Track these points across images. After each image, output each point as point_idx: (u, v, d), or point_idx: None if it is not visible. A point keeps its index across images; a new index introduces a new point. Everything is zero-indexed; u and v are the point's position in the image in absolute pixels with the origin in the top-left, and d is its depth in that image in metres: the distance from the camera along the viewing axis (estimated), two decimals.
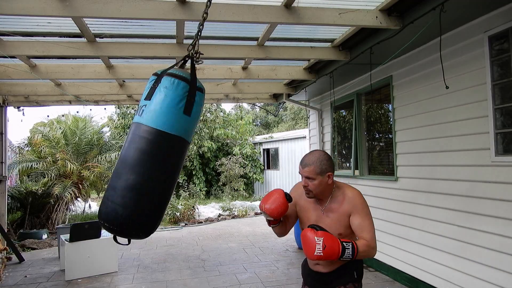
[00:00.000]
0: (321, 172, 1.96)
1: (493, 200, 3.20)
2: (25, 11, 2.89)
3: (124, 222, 1.74)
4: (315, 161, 1.98)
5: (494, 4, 3.04)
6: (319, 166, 1.96)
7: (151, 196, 1.78)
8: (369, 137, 5.63)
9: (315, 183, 1.97)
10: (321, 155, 2.01)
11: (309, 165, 1.99)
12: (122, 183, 1.73)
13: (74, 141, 10.37)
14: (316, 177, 1.96)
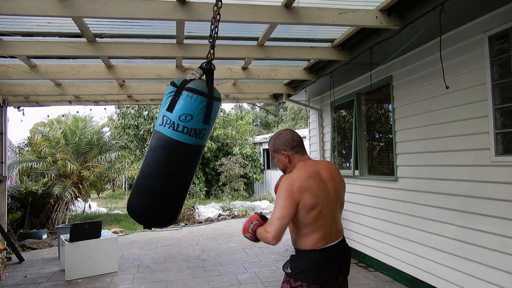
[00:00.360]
0: (275, 150, 2.09)
1: (493, 200, 3.20)
2: (25, 11, 2.89)
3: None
4: (271, 139, 2.13)
5: (494, 4, 3.04)
6: (272, 144, 2.11)
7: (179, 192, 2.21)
8: (369, 137, 5.63)
9: (275, 160, 2.13)
10: (277, 133, 2.13)
11: (268, 143, 2.18)
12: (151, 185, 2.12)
13: (74, 141, 10.37)
14: (274, 154, 2.12)
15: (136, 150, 13.36)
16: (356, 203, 5.60)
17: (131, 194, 2.21)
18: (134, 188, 2.20)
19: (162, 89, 5.93)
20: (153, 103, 7.47)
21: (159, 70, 4.93)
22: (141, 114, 12.04)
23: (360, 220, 5.47)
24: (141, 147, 12.99)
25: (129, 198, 2.21)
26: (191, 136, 2.03)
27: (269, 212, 11.51)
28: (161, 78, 5.17)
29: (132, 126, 12.17)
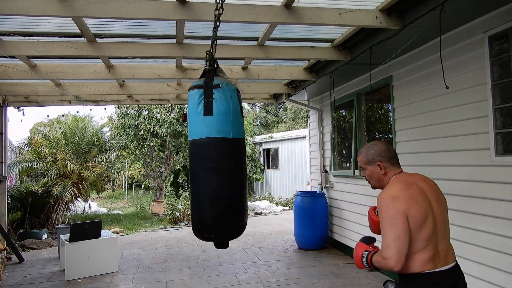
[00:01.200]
0: (369, 162, 1.94)
1: (493, 200, 3.20)
2: (25, 11, 2.89)
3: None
4: (363, 150, 1.98)
5: (494, 4, 3.04)
6: (366, 155, 1.95)
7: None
8: (369, 137, 5.63)
9: (367, 173, 1.97)
10: (371, 144, 1.99)
11: (359, 154, 2.01)
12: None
13: (74, 141, 10.38)
14: (366, 166, 1.96)
15: (136, 150, 13.34)
16: (356, 203, 5.60)
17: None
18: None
19: (162, 89, 5.93)
20: (153, 103, 7.47)
21: (159, 70, 4.93)
22: (141, 114, 12.01)
23: (360, 220, 5.47)
24: (141, 147, 12.98)
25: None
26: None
27: (269, 212, 11.52)
28: (161, 78, 5.17)
29: (132, 126, 12.15)
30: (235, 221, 1.95)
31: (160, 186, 12.95)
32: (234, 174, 1.92)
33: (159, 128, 11.98)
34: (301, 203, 6.48)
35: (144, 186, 19.84)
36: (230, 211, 1.90)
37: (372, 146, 1.97)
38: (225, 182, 1.89)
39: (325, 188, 6.76)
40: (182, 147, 13.51)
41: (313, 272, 5.11)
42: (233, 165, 1.92)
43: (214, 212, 1.88)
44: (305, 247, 6.43)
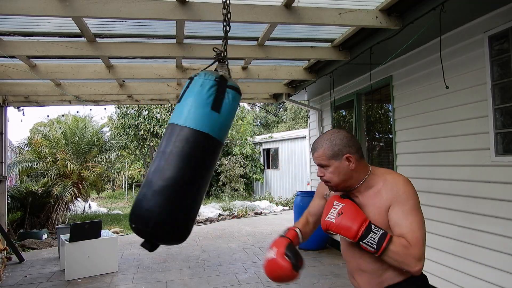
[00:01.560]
0: (335, 155, 1.49)
1: (493, 200, 3.20)
2: (25, 11, 2.89)
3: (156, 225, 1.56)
4: (325, 142, 1.52)
5: (494, 4, 3.04)
6: (330, 148, 1.50)
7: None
8: (369, 137, 5.64)
9: (331, 171, 1.50)
10: (333, 133, 1.54)
11: (317, 149, 1.53)
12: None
13: (74, 141, 10.38)
14: (330, 162, 1.50)
15: (136, 150, 13.36)
16: None
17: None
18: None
19: (162, 89, 5.93)
20: (153, 103, 7.47)
21: (159, 70, 4.93)
22: (141, 114, 12.03)
23: None
24: (141, 147, 12.99)
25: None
26: (198, 122, 1.74)
27: (269, 212, 11.52)
28: (161, 78, 5.17)
29: (132, 126, 12.17)
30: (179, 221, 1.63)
31: None
32: (203, 174, 1.67)
33: (159, 128, 11.99)
34: (301, 203, 6.48)
35: None
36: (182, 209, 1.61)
37: (335, 134, 1.53)
38: (191, 176, 1.62)
39: None
40: None
41: (313, 272, 5.11)
42: (208, 166, 1.68)
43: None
44: (305, 247, 6.43)
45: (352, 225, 1.38)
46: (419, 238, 1.43)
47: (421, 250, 1.42)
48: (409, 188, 1.46)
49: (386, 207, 1.47)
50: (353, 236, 1.38)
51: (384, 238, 1.36)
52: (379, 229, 1.38)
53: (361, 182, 1.53)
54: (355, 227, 1.37)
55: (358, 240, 1.37)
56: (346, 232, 1.39)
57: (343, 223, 1.39)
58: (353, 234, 1.37)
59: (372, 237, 1.35)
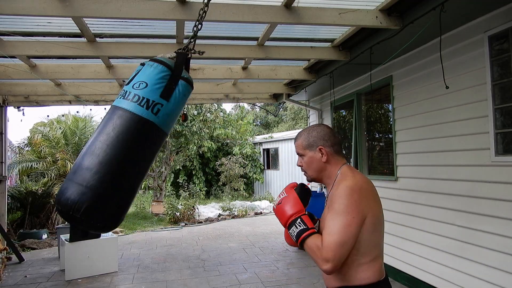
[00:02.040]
0: (309, 146, 1.62)
1: (493, 200, 3.20)
2: (25, 11, 2.89)
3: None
4: (304, 133, 1.67)
5: (494, 4, 3.04)
6: (306, 138, 1.63)
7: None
8: (369, 137, 5.64)
9: (305, 160, 1.64)
10: (313, 126, 1.68)
11: (297, 139, 1.68)
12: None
13: (74, 141, 10.38)
14: (305, 152, 1.63)
15: None
16: None
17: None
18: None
19: None
20: None
21: None
22: None
23: None
24: None
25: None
26: (140, 106, 1.63)
27: (269, 212, 11.52)
28: None
29: None
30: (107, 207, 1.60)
31: (160, 186, 12.95)
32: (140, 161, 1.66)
33: None
34: None
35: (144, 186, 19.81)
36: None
37: (314, 128, 1.66)
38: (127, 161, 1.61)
39: (325, 188, 6.76)
40: (182, 147, 13.51)
41: (313, 272, 5.11)
42: (148, 155, 1.70)
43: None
44: None
45: (283, 215, 1.55)
46: (331, 241, 1.42)
47: (330, 253, 1.41)
48: (344, 192, 1.47)
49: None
50: (284, 224, 1.56)
51: (301, 234, 1.50)
52: (303, 224, 1.50)
53: (335, 179, 1.60)
54: (285, 218, 1.54)
55: (287, 228, 1.55)
56: (280, 220, 1.58)
57: (279, 212, 1.57)
58: (283, 223, 1.56)
59: (293, 230, 1.52)
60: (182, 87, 1.76)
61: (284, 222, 1.56)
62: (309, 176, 1.69)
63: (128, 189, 1.68)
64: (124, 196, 1.68)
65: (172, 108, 1.72)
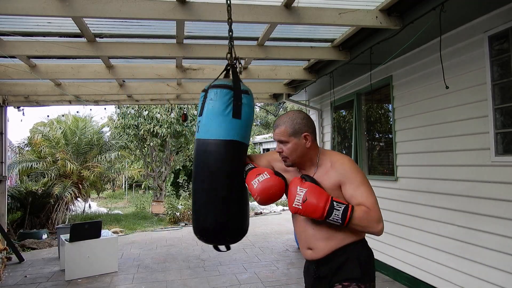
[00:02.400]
0: (295, 133, 1.68)
1: (493, 200, 3.20)
2: (25, 11, 2.89)
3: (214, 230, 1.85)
4: (287, 120, 1.71)
5: (494, 4, 3.04)
6: (291, 126, 1.69)
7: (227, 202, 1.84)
8: (369, 137, 5.64)
9: (289, 147, 1.69)
10: (294, 113, 1.75)
11: (279, 125, 1.72)
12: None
13: (74, 141, 10.38)
14: (289, 139, 1.69)
15: (136, 150, 13.34)
16: None
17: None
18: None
19: (162, 89, 5.93)
20: (153, 103, 7.47)
21: (159, 70, 4.93)
22: (141, 114, 12.01)
23: None
24: (141, 147, 12.98)
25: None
26: (196, 132, 1.90)
27: (269, 212, 11.53)
28: (161, 78, 5.17)
29: (132, 126, 12.15)
30: (239, 224, 1.91)
31: (160, 186, 12.95)
32: (240, 178, 1.85)
33: (159, 128, 11.98)
34: None
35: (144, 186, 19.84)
36: (237, 215, 1.86)
37: (296, 115, 1.73)
38: (234, 186, 1.83)
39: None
40: (182, 147, 13.51)
41: None
42: (241, 170, 1.85)
43: (221, 216, 1.82)
44: None
45: (316, 208, 1.54)
46: (374, 202, 1.59)
47: (379, 212, 1.59)
48: (354, 166, 1.69)
49: (336, 185, 1.66)
50: (319, 217, 1.55)
51: (346, 211, 1.53)
52: (340, 204, 1.55)
53: (316, 162, 1.73)
54: (320, 210, 1.54)
55: (325, 219, 1.55)
56: (313, 215, 1.55)
57: (309, 208, 1.55)
58: (319, 215, 1.55)
59: (336, 214, 1.53)
60: (208, 96, 1.87)
61: (320, 214, 1.55)
62: (290, 162, 1.73)
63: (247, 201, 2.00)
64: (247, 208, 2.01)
65: (246, 121, 1.85)
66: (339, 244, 1.67)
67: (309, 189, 1.57)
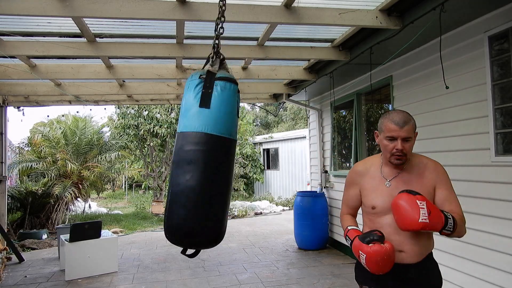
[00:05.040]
0: (415, 129, 1.77)
1: (493, 200, 3.20)
2: (25, 11, 2.89)
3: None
4: (411, 117, 1.75)
5: (494, 4, 3.04)
6: (414, 123, 1.76)
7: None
8: (369, 137, 5.63)
9: (411, 144, 1.75)
10: (404, 112, 1.81)
11: (408, 122, 1.71)
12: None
13: (74, 141, 10.37)
14: (413, 135, 1.75)
15: (136, 150, 13.34)
16: None
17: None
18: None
19: (162, 89, 5.93)
20: (153, 103, 7.47)
21: (159, 70, 4.93)
22: (141, 114, 12.01)
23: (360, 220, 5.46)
24: (141, 147, 12.98)
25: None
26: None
27: (269, 212, 11.52)
28: (161, 78, 5.17)
29: (132, 126, 12.14)
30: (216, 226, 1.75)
31: (160, 186, 12.95)
32: (215, 171, 1.70)
33: (159, 128, 11.98)
34: (301, 203, 6.48)
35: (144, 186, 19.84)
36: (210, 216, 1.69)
37: (407, 113, 1.80)
38: (206, 179, 1.67)
39: (325, 188, 6.76)
40: None
41: (313, 272, 5.11)
42: (220, 164, 1.71)
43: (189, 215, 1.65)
44: (305, 247, 6.43)
45: (439, 219, 1.57)
46: (460, 207, 1.74)
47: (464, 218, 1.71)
48: (445, 170, 1.85)
49: (432, 188, 1.76)
50: (440, 228, 1.58)
51: (454, 221, 1.60)
52: (449, 215, 1.61)
53: (409, 161, 1.81)
54: (442, 221, 1.58)
55: (441, 229, 1.59)
56: (436, 226, 1.58)
57: (434, 220, 1.56)
58: (440, 227, 1.58)
59: (450, 223, 1.58)
60: (221, 87, 1.72)
61: (441, 225, 1.59)
62: (405, 159, 1.77)
63: (214, 205, 1.81)
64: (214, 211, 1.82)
65: (216, 111, 1.69)
66: (429, 251, 1.78)
67: (426, 202, 1.58)
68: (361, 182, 1.89)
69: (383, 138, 1.79)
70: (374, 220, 1.83)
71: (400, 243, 1.73)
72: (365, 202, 1.87)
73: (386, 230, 1.75)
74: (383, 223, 1.78)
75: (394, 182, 1.77)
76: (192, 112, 1.68)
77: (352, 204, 1.98)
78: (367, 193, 1.85)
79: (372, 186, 1.83)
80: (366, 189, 1.85)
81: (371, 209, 1.80)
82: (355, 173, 1.94)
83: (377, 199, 1.78)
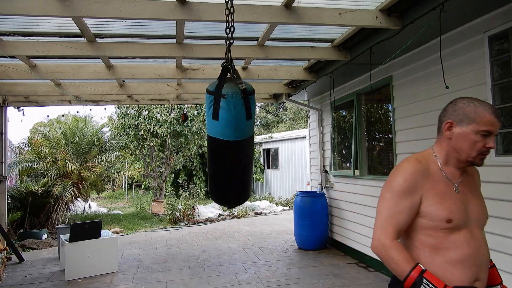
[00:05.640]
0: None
1: (493, 200, 3.19)
2: (25, 11, 2.89)
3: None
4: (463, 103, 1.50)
5: (494, 4, 3.04)
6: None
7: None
8: (369, 137, 5.63)
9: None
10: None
11: (498, 116, 1.43)
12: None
13: (74, 141, 10.38)
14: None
15: (136, 150, 13.34)
16: (356, 203, 5.60)
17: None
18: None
19: (162, 89, 5.93)
20: (153, 103, 7.47)
21: (159, 70, 4.93)
22: (141, 114, 12.01)
23: (360, 220, 5.47)
24: (141, 147, 12.98)
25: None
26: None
27: (269, 212, 11.51)
28: (161, 78, 5.17)
29: (132, 126, 12.14)
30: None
31: (160, 186, 12.95)
32: (231, 163, 2.25)
33: (159, 128, 11.98)
34: (301, 203, 6.48)
35: (144, 186, 19.84)
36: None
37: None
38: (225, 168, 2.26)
39: (325, 188, 6.76)
40: (182, 147, 13.51)
41: (313, 272, 5.11)
42: (233, 159, 2.23)
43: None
44: (305, 247, 6.43)
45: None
46: None
47: None
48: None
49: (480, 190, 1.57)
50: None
51: None
52: None
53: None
54: None
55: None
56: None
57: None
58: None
59: None
60: (224, 103, 2.09)
61: None
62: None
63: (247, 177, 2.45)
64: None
65: (223, 122, 2.12)
66: None
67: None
68: (425, 186, 1.42)
69: (473, 131, 1.40)
70: (446, 238, 1.40)
71: (481, 267, 1.43)
72: (433, 213, 1.39)
73: (464, 251, 1.40)
74: (461, 240, 1.40)
75: (460, 188, 1.44)
76: (210, 121, 2.14)
77: (405, 221, 1.42)
78: (437, 201, 1.40)
79: (441, 191, 1.42)
80: (435, 196, 1.41)
81: (445, 223, 1.37)
82: (419, 173, 1.43)
83: (454, 209, 1.40)
